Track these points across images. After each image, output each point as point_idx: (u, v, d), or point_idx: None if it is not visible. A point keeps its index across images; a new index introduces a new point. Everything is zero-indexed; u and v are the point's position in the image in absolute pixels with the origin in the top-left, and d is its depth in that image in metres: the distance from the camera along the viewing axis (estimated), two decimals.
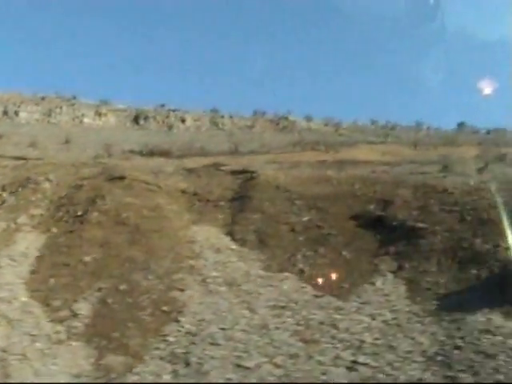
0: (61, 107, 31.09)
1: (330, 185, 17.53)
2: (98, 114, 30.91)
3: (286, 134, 32.05)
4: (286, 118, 33.18)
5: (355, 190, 16.73)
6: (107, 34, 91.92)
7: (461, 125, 33.30)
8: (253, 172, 19.11)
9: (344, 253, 13.86)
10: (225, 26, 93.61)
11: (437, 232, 13.43)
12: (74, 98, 32.77)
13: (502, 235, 12.43)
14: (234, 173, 19.76)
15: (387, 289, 12.05)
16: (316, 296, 12.23)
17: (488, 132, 31.86)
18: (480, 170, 17.04)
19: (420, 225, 13.78)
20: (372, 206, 15.61)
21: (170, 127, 31.30)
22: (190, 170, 20.42)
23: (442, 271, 12.18)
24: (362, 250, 13.95)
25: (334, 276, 12.88)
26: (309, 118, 34.22)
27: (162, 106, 33.73)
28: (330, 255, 13.96)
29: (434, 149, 25.13)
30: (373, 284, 12.31)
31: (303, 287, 12.67)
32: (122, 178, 18.23)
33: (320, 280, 12.84)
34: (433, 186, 15.84)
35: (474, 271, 11.76)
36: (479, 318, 10.10)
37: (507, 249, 11.96)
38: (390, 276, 12.53)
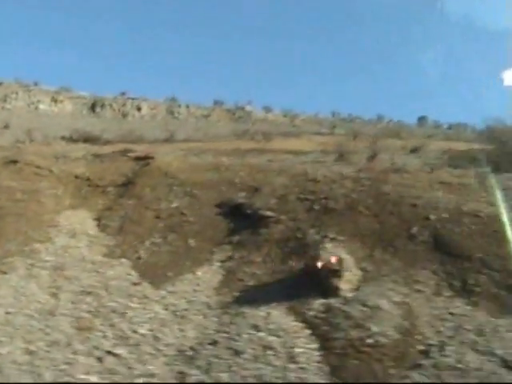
0: (17, 93, 31.26)
1: (217, 172, 16.88)
2: (55, 101, 30.93)
3: (239, 123, 31.40)
4: (243, 109, 32.48)
5: (235, 178, 16.03)
6: (73, 22, 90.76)
7: (422, 119, 32.11)
8: (151, 158, 18.66)
9: (190, 241, 13.22)
10: (190, 15, 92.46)
11: (281, 221, 12.61)
12: (36, 84, 32.93)
13: (335, 225, 11.57)
14: (137, 159, 19.37)
15: (204, 278, 11.34)
16: (134, 283, 11.66)
17: (449, 127, 30.40)
18: (369, 159, 16.04)
19: (268, 213, 12.97)
20: (241, 194, 14.88)
21: (125, 115, 31.05)
22: (97, 156, 20.12)
23: (265, 262, 11.37)
24: (210, 238, 13.27)
25: (164, 264, 12.30)
26: (268, 109, 33.44)
27: (123, 94, 33.55)
28: (176, 243, 13.35)
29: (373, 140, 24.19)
30: (194, 273, 11.64)
31: (128, 274, 12.11)
32: (15, 161, 18.11)
33: (150, 267, 12.27)
34: (308, 174, 14.97)
35: (292, 263, 10.92)
36: (260, 313, 9.31)
37: (333, 239, 11.09)
38: (216, 266, 11.82)
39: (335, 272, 9.20)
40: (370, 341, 7.60)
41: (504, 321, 7.91)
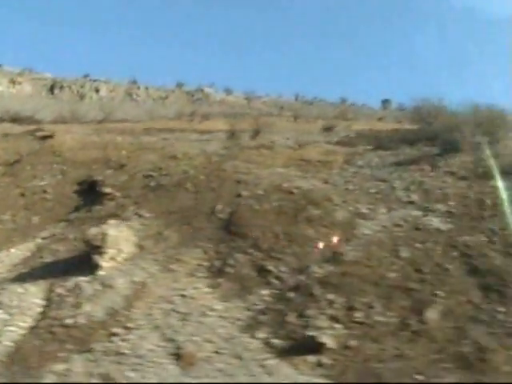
0: None
1: (103, 150, 16.46)
2: (13, 83, 31.10)
3: (196, 105, 30.88)
4: (202, 91, 31.85)
5: (114, 156, 15.60)
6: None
7: (385, 101, 30.81)
8: (50, 137, 18.44)
9: (34, 218, 12.99)
10: None
11: (115, 198, 12.16)
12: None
13: (154, 202, 11.06)
14: (42, 138, 19.16)
15: (12, 255, 11.05)
16: None
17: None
18: (252, 137, 15.39)
19: (107, 190, 12.57)
20: (108, 172, 14.43)
21: (82, 97, 30.97)
22: (6, 135, 20.03)
23: (75, 239, 10.93)
24: (56, 215, 12.93)
25: None
26: (229, 91, 32.72)
27: (86, 76, 33.46)
28: (22, 221, 13.07)
29: (314, 122, 23.51)
30: (8, 250, 11.35)
31: None
32: None
33: None
34: (173, 151, 14.42)
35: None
36: (17, 289, 8.90)
37: (140, 216, 10.56)
38: (34, 243, 11.49)
39: (97, 249, 8.67)
40: (68, 321, 7.10)
41: (227, 304, 7.24)
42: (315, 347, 5.96)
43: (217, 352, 6.21)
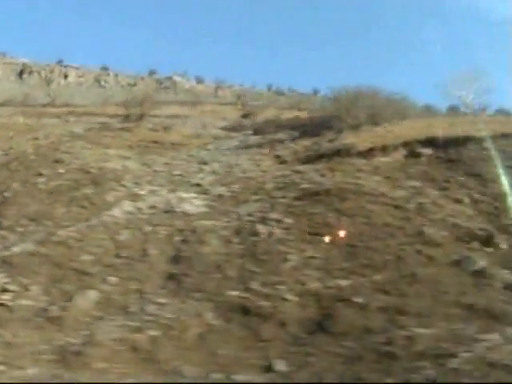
0: None
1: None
2: None
3: (162, 93, 30.39)
4: (171, 78, 31.36)
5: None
6: None
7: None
8: None
9: None
10: None
11: None
12: None
13: None
14: None
15: None
16: None
17: None
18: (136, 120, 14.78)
19: None
20: None
21: (50, 82, 30.99)
22: None
23: None
24: None
25: None
26: (200, 80, 32.08)
27: (60, 61, 33.51)
28: None
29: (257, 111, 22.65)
30: None
31: None
32: None
33: None
34: (38, 132, 13.95)
35: None
36: None
37: None
38: None
39: None
40: None
41: None
42: None
43: None
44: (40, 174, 9.72)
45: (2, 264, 6.16)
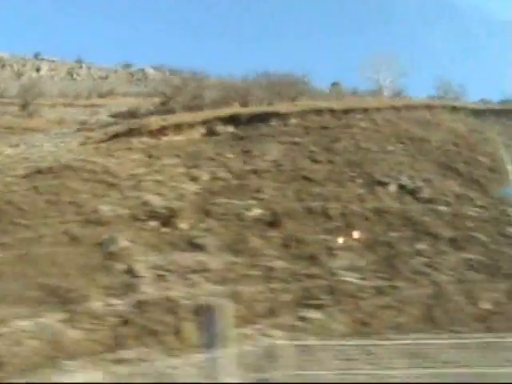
0: None
1: None
2: None
3: (133, 85, 29.65)
4: (143, 71, 30.73)
5: None
6: None
7: (334, 84, 29.23)
8: None
9: None
10: None
11: None
12: None
13: None
14: None
15: None
16: None
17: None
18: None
19: None
20: None
21: (20, 75, 30.24)
22: None
23: None
24: None
25: None
26: (173, 72, 31.22)
27: (37, 54, 32.85)
28: None
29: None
30: None
31: None
32: None
33: None
34: None
35: None
36: None
37: None
38: None
39: None
40: None
41: None
42: None
43: None
44: None
45: None
